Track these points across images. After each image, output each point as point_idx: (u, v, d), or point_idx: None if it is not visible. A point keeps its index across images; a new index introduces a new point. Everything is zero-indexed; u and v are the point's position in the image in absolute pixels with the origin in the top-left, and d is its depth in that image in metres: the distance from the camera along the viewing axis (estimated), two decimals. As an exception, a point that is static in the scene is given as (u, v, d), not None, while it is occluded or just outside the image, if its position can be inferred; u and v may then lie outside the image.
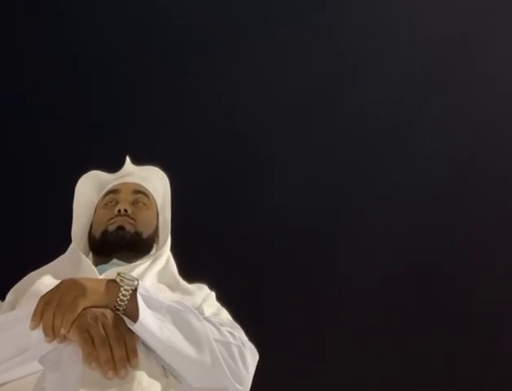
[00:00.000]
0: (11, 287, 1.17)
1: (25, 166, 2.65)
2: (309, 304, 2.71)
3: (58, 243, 1.36)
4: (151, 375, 0.92)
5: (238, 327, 1.13)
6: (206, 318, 1.05)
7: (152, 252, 1.38)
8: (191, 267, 1.33)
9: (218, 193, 2.73)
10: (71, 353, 0.89)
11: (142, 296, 0.95)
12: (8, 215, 2.53)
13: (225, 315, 1.20)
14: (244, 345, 1.05)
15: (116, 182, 1.47)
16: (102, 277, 1.10)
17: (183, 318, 0.99)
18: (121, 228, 1.32)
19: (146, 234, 1.37)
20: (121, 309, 0.95)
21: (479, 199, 2.92)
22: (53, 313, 0.89)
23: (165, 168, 1.53)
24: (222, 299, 1.30)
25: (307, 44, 2.96)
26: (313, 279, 2.77)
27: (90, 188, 1.49)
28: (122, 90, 2.75)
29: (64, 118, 2.69)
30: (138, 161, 1.53)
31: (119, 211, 1.35)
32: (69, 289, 0.93)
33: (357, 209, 2.88)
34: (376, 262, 2.80)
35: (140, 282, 0.98)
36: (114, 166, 1.51)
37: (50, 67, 2.78)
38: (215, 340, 1.00)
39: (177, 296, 1.16)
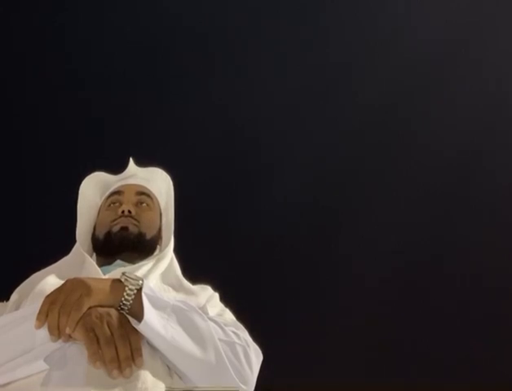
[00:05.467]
0: (15, 288, 1.17)
1: (28, 167, 2.65)
2: (310, 303, 2.71)
3: (61, 245, 1.36)
4: (155, 374, 0.92)
5: (242, 327, 1.13)
6: (211, 318, 1.06)
7: (155, 253, 1.39)
8: (194, 268, 1.33)
9: (219, 194, 2.74)
10: (76, 352, 0.89)
11: (146, 295, 0.96)
12: (11, 216, 2.53)
13: (229, 316, 1.20)
14: (248, 346, 1.06)
15: (119, 184, 1.47)
16: (106, 277, 1.10)
17: (187, 317, 0.99)
18: (124, 229, 1.32)
19: (149, 235, 1.37)
20: (125, 308, 0.95)
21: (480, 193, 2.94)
22: (58, 312, 0.90)
23: (167, 169, 1.54)
24: (226, 299, 1.30)
25: (307, 44, 2.97)
26: (314, 278, 2.77)
27: (93, 189, 1.49)
28: (125, 91, 2.76)
29: (67, 119, 2.69)
30: (141, 163, 1.53)
31: (123, 212, 1.35)
32: (74, 288, 0.93)
33: (357, 209, 2.89)
34: (376, 262, 2.80)
35: (145, 281, 0.98)
36: (118, 167, 1.51)
37: (51, 68, 2.79)
38: (220, 339, 1.00)
39: (181, 297, 1.16)
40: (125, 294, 0.95)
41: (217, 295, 1.29)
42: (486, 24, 2.96)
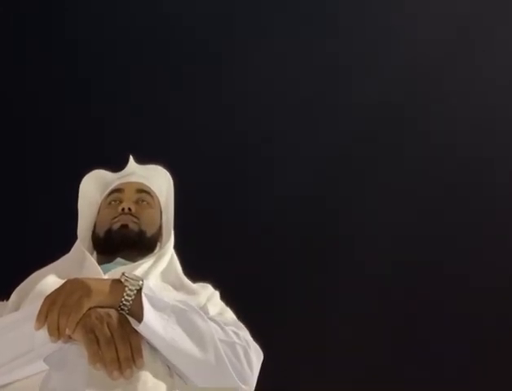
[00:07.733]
0: (15, 287, 1.16)
1: (28, 165, 2.65)
2: (312, 302, 2.71)
3: (61, 243, 1.36)
4: (156, 375, 0.92)
5: (243, 326, 1.13)
6: (211, 318, 1.05)
7: (155, 251, 1.38)
8: (194, 266, 1.33)
9: (220, 191, 2.73)
10: (76, 353, 0.89)
11: (146, 296, 0.95)
12: (11, 214, 2.53)
13: (229, 315, 1.20)
14: (249, 345, 1.05)
15: (119, 181, 1.46)
16: (106, 277, 1.09)
17: (187, 318, 0.99)
18: (124, 226, 1.31)
19: (150, 232, 1.36)
20: (125, 309, 0.94)
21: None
22: (58, 313, 0.89)
23: (167, 166, 1.53)
24: (226, 298, 1.30)
25: (307, 44, 2.95)
26: (316, 277, 2.77)
27: (93, 187, 1.48)
28: (125, 89, 2.75)
29: (67, 117, 2.69)
30: (141, 160, 1.53)
31: (123, 209, 1.35)
32: (74, 289, 0.92)
33: (358, 208, 2.89)
34: (378, 261, 2.80)
35: (145, 281, 0.98)
36: (118, 165, 1.51)
37: (51, 66, 2.78)
38: (220, 340, 1.00)
39: (181, 296, 1.16)
40: (125, 295, 0.95)
41: (217, 293, 1.29)
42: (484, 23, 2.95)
